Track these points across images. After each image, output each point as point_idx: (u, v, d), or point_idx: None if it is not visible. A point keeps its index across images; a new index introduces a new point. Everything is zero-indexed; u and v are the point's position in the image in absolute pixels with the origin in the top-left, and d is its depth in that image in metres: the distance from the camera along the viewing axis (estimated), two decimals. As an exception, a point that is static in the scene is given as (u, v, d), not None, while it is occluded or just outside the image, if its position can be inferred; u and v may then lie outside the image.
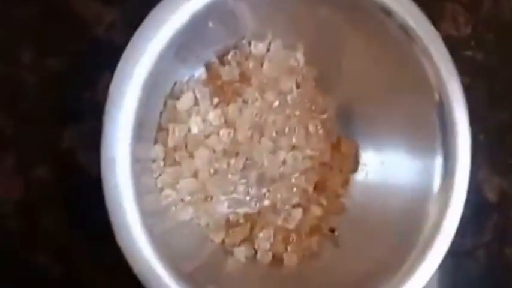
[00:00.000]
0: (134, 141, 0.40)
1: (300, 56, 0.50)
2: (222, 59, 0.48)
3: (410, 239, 0.44)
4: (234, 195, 0.48)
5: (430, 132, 0.44)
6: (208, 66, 0.48)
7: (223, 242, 0.48)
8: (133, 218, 0.39)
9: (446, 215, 0.44)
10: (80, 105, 0.47)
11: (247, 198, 0.49)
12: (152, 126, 0.46)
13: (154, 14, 0.40)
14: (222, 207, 0.48)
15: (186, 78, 0.47)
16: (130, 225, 0.39)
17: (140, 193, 0.40)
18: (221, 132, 0.47)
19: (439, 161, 0.44)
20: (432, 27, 0.43)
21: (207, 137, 0.47)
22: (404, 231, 0.45)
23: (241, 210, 0.49)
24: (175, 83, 0.47)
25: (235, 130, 0.47)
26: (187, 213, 0.47)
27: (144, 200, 0.40)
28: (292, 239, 0.48)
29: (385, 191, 0.49)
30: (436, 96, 0.43)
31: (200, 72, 0.48)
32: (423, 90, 0.44)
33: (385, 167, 0.49)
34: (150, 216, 0.41)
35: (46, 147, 0.47)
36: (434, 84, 0.43)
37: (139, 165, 0.42)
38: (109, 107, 0.39)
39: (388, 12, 0.43)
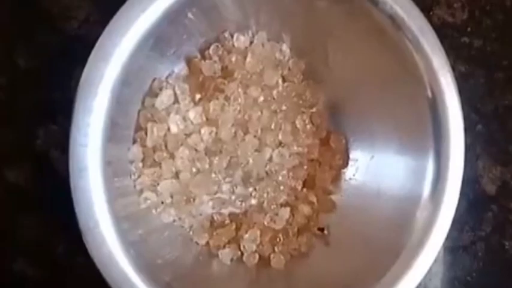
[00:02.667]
0: (106, 144, 0.38)
1: (285, 48, 0.48)
2: (203, 53, 0.46)
3: (402, 237, 0.42)
4: (219, 195, 0.47)
5: (421, 128, 0.42)
6: (188, 61, 0.46)
7: (207, 244, 0.47)
8: (105, 225, 0.38)
9: (439, 212, 0.42)
10: (53, 105, 0.45)
11: (233, 197, 0.47)
12: (129, 126, 0.45)
13: (129, 5, 0.38)
14: (206, 207, 0.47)
15: (165, 74, 0.46)
16: (102, 233, 0.38)
17: (114, 197, 0.39)
18: (202, 131, 0.45)
19: (431, 157, 0.42)
20: (423, 17, 0.41)
21: (188, 136, 0.45)
22: (396, 229, 0.43)
23: (226, 211, 0.47)
24: (153, 80, 0.45)
25: (217, 128, 0.45)
26: (169, 216, 0.46)
27: (118, 204, 0.39)
28: (280, 240, 0.47)
29: (376, 187, 0.47)
30: (428, 91, 0.41)
31: (180, 68, 0.46)
32: (415, 83, 0.42)
33: (375, 162, 0.47)
34: (126, 221, 0.40)
35: (19, 149, 0.46)
36: (425, 77, 0.41)
37: (115, 167, 0.41)
38: (77, 110, 0.37)
39: (375, 2, 0.40)
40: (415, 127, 0.43)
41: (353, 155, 0.49)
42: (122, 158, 0.44)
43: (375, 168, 0.47)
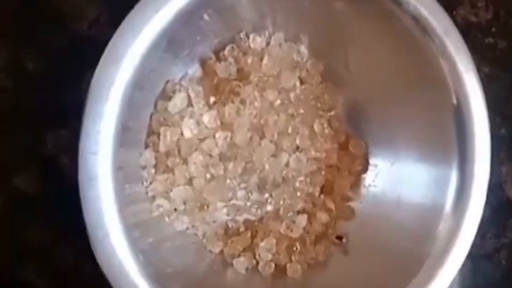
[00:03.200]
0: (117, 149, 0.37)
1: (303, 49, 0.46)
2: (218, 54, 0.45)
3: (424, 247, 0.41)
4: (233, 202, 0.46)
5: (445, 134, 0.41)
6: (203, 63, 0.45)
7: (221, 252, 0.45)
8: (116, 235, 0.36)
9: (463, 223, 0.40)
10: (61, 108, 0.44)
11: (248, 204, 0.46)
12: (141, 130, 0.43)
13: (141, 5, 0.37)
14: (220, 215, 0.45)
15: (179, 77, 0.44)
16: (112, 243, 0.36)
17: (125, 204, 0.37)
18: (217, 136, 0.44)
19: (454, 165, 0.40)
20: (448, 18, 0.39)
21: (202, 140, 0.44)
22: (418, 239, 0.42)
23: (241, 218, 0.46)
24: (166, 82, 0.44)
25: (232, 133, 0.44)
26: (182, 223, 0.44)
27: (129, 211, 0.38)
28: (297, 248, 0.46)
29: (397, 195, 0.45)
30: (452, 95, 0.39)
31: (194, 70, 0.45)
32: (438, 87, 0.40)
33: (396, 169, 0.46)
34: (137, 229, 0.39)
35: (26, 154, 0.45)
36: (450, 81, 0.39)
37: (126, 173, 0.40)
38: (87, 116, 0.36)
39: (398, 2, 0.39)
40: (438, 132, 0.41)
41: (373, 160, 0.47)
42: (133, 163, 0.43)
43: (396, 175, 0.46)
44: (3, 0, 0.44)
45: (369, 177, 0.47)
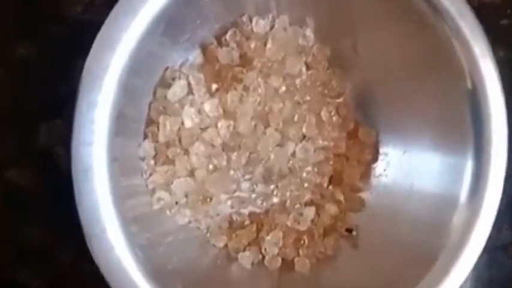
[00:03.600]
0: (113, 139, 0.35)
1: (309, 32, 0.44)
2: (219, 39, 0.43)
3: (438, 240, 0.39)
4: (237, 194, 0.44)
5: (460, 121, 0.39)
6: (204, 48, 0.43)
7: (226, 246, 0.44)
8: (113, 230, 0.35)
9: (479, 214, 0.39)
10: (56, 98, 0.42)
11: (253, 196, 0.44)
12: (139, 119, 0.42)
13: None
14: (224, 207, 0.44)
15: (178, 63, 0.42)
16: (109, 239, 0.35)
17: (122, 197, 0.36)
18: (219, 125, 0.42)
19: (470, 154, 0.39)
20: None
21: (204, 130, 0.42)
22: (431, 231, 0.41)
23: (246, 210, 0.44)
24: (166, 69, 0.42)
25: (235, 121, 0.42)
26: (184, 217, 0.43)
27: (126, 205, 0.36)
28: (304, 242, 0.44)
29: (409, 185, 0.43)
30: (468, 80, 0.37)
31: (195, 56, 0.43)
32: (452, 72, 0.38)
33: (408, 157, 0.44)
34: (136, 224, 0.37)
35: (20, 147, 0.43)
36: (465, 65, 0.38)
37: (124, 164, 0.38)
38: (80, 105, 0.34)
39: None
40: (453, 120, 0.40)
41: (383, 149, 0.45)
42: (131, 154, 0.41)
43: (408, 165, 0.44)
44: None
45: (379, 167, 0.46)
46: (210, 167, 0.42)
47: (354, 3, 0.41)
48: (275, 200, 0.44)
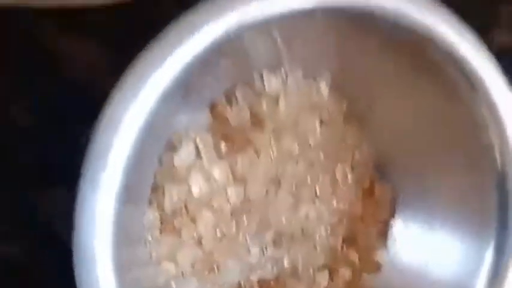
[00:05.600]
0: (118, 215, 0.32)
1: (324, 86, 0.41)
2: (229, 97, 0.40)
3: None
4: (247, 259, 0.41)
5: (484, 201, 0.36)
6: (212, 108, 0.40)
7: (234, 316, 0.41)
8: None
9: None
10: (55, 166, 0.39)
11: (262, 260, 0.41)
12: (144, 186, 0.39)
13: (152, 50, 0.32)
14: (233, 274, 0.41)
15: (184, 124, 0.39)
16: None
17: (124, 270, 0.33)
18: (229, 192, 0.39)
19: (491, 244, 0.36)
20: (495, 67, 0.34)
21: (212, 197, 0.39)
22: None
23: (255, 277, 0.41)
24: (172, 133, 0.39)
25: (245, 185, 0.39)
26: (190, 287, 0.39)
27: (129, 278, 0.33)
28: (317, 309, 0.41)
29: (430, 245, 0.41)
30: (498, 161, 0.35)
31: (202, 115, 0.40)
32: (480, 146, 0.35)
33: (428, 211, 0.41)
34: None
35: (17, 219, 0.40)
36: (495, 142, 0.34)
37: (127, 234, 0.35)
38: (84, 183, 0.31)
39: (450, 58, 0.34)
40: (476, 198, 0.37)
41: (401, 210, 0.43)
42: (134, 222, 0.38)
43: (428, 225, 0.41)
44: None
45: (397, 225, 0.43)
46: (218, 234, 0.40)
47: (377, 61, 0.38)
48: (286, 264, 0.42)
